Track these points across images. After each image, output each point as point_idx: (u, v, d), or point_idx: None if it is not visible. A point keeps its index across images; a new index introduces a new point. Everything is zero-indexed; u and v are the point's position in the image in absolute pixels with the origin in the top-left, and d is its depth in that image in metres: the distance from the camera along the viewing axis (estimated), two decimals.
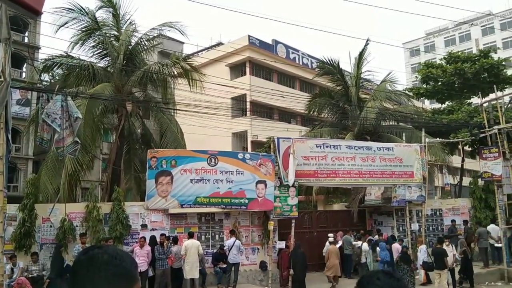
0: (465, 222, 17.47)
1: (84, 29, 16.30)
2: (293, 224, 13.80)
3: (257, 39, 33.52)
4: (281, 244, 13.86)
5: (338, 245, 14.26)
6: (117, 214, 12.15)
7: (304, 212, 16.67)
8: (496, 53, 24.18)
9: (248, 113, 30.42)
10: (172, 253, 11.99)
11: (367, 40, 19.43)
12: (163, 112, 17.37)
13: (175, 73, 16.95)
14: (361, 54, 19.70)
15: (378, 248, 14.45)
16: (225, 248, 12.82)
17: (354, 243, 14.62)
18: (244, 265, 13.59)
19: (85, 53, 16.80)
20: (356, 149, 14.95)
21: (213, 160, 13.02)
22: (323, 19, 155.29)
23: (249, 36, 32.93)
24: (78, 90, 15.36)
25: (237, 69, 34.40)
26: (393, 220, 16.81)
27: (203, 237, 13.38)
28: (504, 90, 23.12)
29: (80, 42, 16.35)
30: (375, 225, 17.38)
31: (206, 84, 16.81)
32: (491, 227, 16.22)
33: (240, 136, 32.22)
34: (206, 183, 12.85)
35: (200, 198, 12.76)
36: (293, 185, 13.68)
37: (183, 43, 33.09)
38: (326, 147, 14.55)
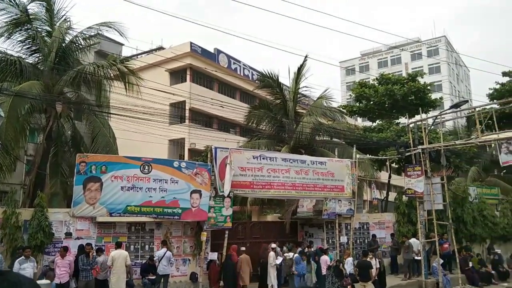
0: (392, 235, 18.40)
1: (12, 21, 15.19)
2: (226, 235, 13.73)
3: (199, 46, 33.32)
4: (213, 255, 13.71)
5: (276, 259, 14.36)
6: (39, 221, 11.34)
7: (238, 222, 16.64)
8: (422, 77, 25.96)
9: (186, 120, 29.99)
10: (97, 263, 11.39)
11: (306, 57, 20.03)
12: (96, 115, 16.60)
13: (111, 75, 16.29)
14: (299, 70, 20.24)
15: (311, 260, 14.81)
16: (155, 259, 12.43)
17: (285, 254, 14.82)
18: (174, 276, 13.25)
19: (12, 47, 15.60)
20: (291, 162, 15.31)
21: (146, 168, 12.62)
22: (266, 33, 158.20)
23: (191, 43, 32.63)
24: (2, 86, 14.24)
25: (178, 75, 33.89)
26: (323, 233, 17.28)
27: (132, 247, 12.88)
28: (428, 113, 24.87)
29: (6, 35, 15.20)
30: (306, 237, 17.76)
31: (144, 88, 16.34)
32: (412, 241, 17.25)
33: (177, 144, 31.65)
34: (138, 191, 12.41)
35: (130, 207, 12.29)
36: (228, 196, 13.65)
37: (122, 44, 32.10)
38: (263, 158, 14.72)
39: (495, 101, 31.15)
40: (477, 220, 20.37)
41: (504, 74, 33.98)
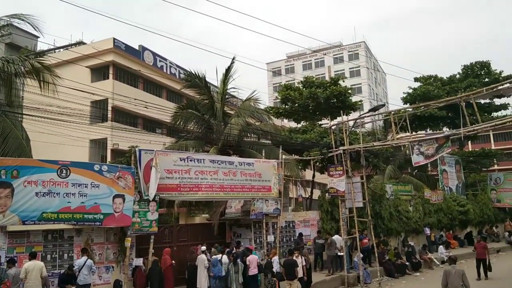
0: (318, 232, 19.06)
1: None
2: (151, 240, 13.32)
3: (123, 43, 32.02)
4: (139, 261, 13.23)
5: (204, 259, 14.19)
6: None
7: (164, 226, 16.23)
8: (344, 81, 27.24)
9: (109, 119, 28.66)
10: (8, 277, 10.44)
11: (233, 58, 20.10)
12: (6, 115, 15.21)
13: (24, 71, 15.01)
14: (227, 71, 20.25)
15: (238, 260, 14.84)
16: (74, 268, 11.68)
17: (214, 256, 14.73)
18: (96, 285, 12.56)
19: None
20: (219, 164, 15.25)
21: (64, 172, 11.82)
22: (194, 35, 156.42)
23: (114, 39, 31.26)
24: None
25: (100, 72, 32.30)
26: (251, 232, 17.44)
27: (49, 256, 11.98)
28: (349, 115, 26.20)
29: None
30: (234, 238, 17.81)
31: (63, 86, 15.25)
32: (335, 238, 18.02)
33: (99, 144, 30.15)
34: (54, 196, 11.57)
35: (46, 214, 11.42)
36: (154, 200, 13.25)
37: (37, 37, 29.85)
38: (190, 160, 14.50)
39: (408, 104, 33.73)
40: (393, 215, 21.81)
41: (416, 79, 36.88)
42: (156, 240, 13.91)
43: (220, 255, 14.82)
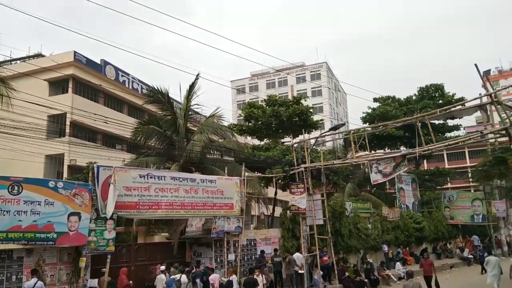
0: (275, 250, 18.99)
1: None
2: (108, 260, 12.85)
3: (84, 56, 31.29)
4: (93, 282, 12.68)
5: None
6: None
7: (122, 245, 15.71)
8: (306, 100, 27.76)
9: (67, 134, 27.68)
10: None
11: (197, 75, 20.06)
12: None
13: None
14: (191, 87, 20.16)
15: (197, 280, 14.55)
16: None
17: (172, 277, 14.35)
18: None
19: None
20: (180, 181, 15.03)
21: (16, 188, 11.25)
22: (156, 50, 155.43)
23: (75, 52, 30.51)
24: None
25: (58, 86, 31.30)
26: (211, 251, 17.17)
27: None
28: (311, 133, 26.62)
29: None
30: (194, 257, 17.48)
31: (17, 99, 14.62)
32: (296, 255, 18.03)
33: (56, 160, 29.01)
34: (4, 215, 10.97)
35: None
36: (111, 218, 12.83)
37: None
38: (150, 177, 14.20)
39: (367, 124, 34.72)
40: (353, 233, 22.13)
41: (375, 100, 38.10)
42: (113, 260, 13.43)
43: (179, 275, 14.48)
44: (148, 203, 13.83)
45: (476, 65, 12.97)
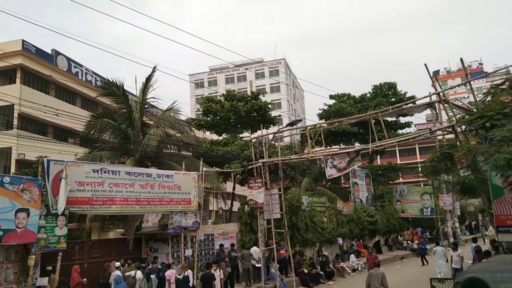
0: (232, 245, 19.04)
1: None
2: (59, 257, 12.40)
3: (33, 45, 29.80)
4: (43, 281, 12.19)
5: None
6: None
7: (74, 242, 15.18)
8: (264, 96, 27.95)
9: (15, 127, 26.33)
10: None
11: (154, 67, 19.61)
12: None
13: None
14: (148, 80, 19.69)
15: (152, 276, 14.35)
16: None
17: (127, 273, 14.06)
18: None
19: None
20: (136, 176, 14.77)
21: None
22: (111, 41, 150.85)
23: (23, 40, 29.00)
24: None
25: (5, 76, 29.68)
26: (168, 247, 16.98)
27: None
28: (269, 129, 26.86)
29: None
30: (151, 253, 17.20)
31: None
32: (253, 249, 18.17)
33: (3, 154, 27.54)
34: None
35: None
36: (63, 214, 12.37)
37: None
38: (104, 172, 13.82)
39: (323, 120, 35.47)
40: (309, 226, 22.58)
41: (331, 97, 38.98)
42: (65, 257, 12.99)
43: (134, 271, 14.22)
44: (102, 198, 13.47)
45: (425, 65, 13.56)
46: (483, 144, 10.25)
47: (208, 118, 26.30)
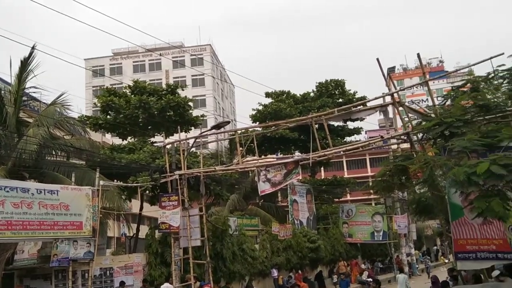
0: (144, 281, 18.57)
1: None
2: None
3: None
4: None
5: None
6: None
7: None
8: (183, 90, 27.72)
9: None
10: None
11: (33, 47, 18.64)
12: None
13: None
14: (24, 64, 18.69)
15: None
16: None
17: None
18: None
19: None
20: (7, 191, 14.38)
21: None
22: None
23: None
24: None
25: None
26: (51, 286, 16.37)
27: None
28: (189, 132, 26.65)
29: None
30: None
31: None
32: (165, 286, 17.88)
33: None
34: None
35: None
36: None
37: None
38: None
39: (257, 123, 35.96)
40: (237, 255, 22.67)
41: (267, 95, 39.64)
42: None
43: None
44: None
45: (378, 59, 14.19)
46: (442, 155, 10.89)
47: (108, 116, 25.54)
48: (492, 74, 12.38)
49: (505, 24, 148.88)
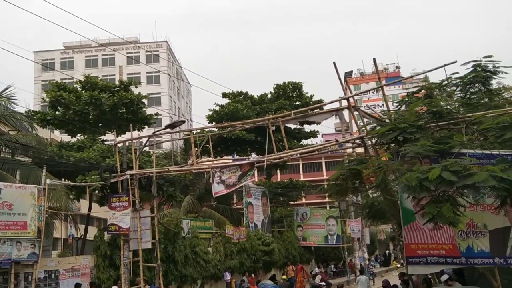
0: (91, 285, 18.22)
1: None
2: None
3: None
4: None
5: None
6: None
7: None
8: (137, 87, 27.39)
9: None
10: None
11: None
12: None
13: None
14: None
15: None
16: None
17: None
18: None
19: None
20: None
21: None
22: None
23: None
24: None
25: None
26: None
27: None
28: (142, 131, 26.36)
29: None
30: None
31: None
32: None
33: None
34: None
35: None
36: None
37: None
38: None
39: (213, 123, 35.93)
40: (189, 258, 22.61)
41: (224, 95, 39.65)
42: None
43: None
44: None
45: (334, 63, 14.46)
46: (395, 160, 11.22)
47: (57, 112, 24.98)
48: (446, 82, 12.87)
49: (467, 34, 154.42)
